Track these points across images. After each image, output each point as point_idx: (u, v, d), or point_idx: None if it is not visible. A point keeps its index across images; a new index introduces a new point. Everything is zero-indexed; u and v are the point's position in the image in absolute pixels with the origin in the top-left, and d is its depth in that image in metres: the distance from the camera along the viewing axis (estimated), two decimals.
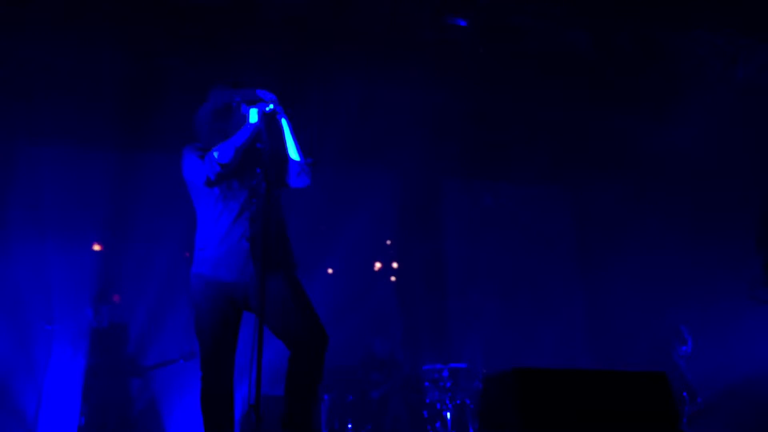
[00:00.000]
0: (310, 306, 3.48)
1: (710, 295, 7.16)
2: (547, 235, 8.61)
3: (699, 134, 7.52)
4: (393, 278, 8.19)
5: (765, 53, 7.18)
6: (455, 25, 6.56)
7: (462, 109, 7.51)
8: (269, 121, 3.50)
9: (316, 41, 6.47)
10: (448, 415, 6.11)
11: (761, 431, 5.89)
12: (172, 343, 6.54)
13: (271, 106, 3.49)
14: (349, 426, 6.25)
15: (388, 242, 8.18)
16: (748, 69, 7.22)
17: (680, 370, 6.65)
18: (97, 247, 7.15)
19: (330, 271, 7.67)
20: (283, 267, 3.51)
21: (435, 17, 6.49)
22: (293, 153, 3.58)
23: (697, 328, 6.95)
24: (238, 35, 6.27)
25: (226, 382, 3.42)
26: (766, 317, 5.25)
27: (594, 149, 8.06)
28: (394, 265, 8.22)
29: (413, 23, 6.49)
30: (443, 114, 7.50)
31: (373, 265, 8.01)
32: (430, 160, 7.89)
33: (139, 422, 6.24)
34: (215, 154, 3.44)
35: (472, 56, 6.79)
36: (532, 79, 7.01)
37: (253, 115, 3.48)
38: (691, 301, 7.28)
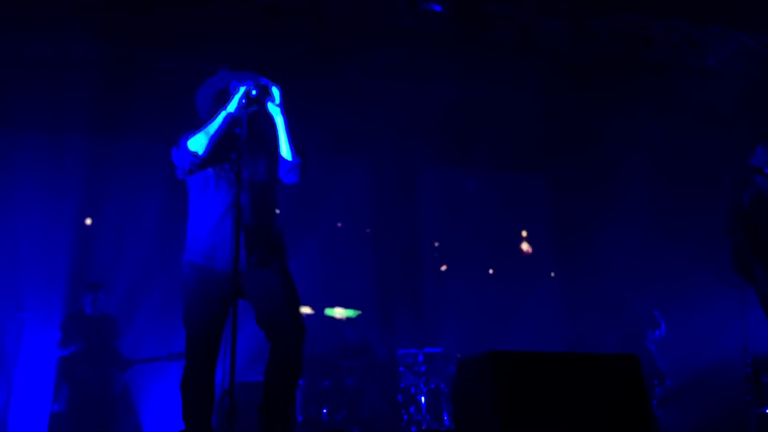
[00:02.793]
0: (297, 300, 3.49)
1: (681, 281, 7.27)
2: (525, 221, 8.66)
3: (672, 122, 7.61)
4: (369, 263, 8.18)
5: (735, 42, 7.28)
6: (431, 11, 6.55)
7: (438, 96, 7.51)
8: (254, 107, 3.46)
9: (288, 27, 6.42)
10: (423, 399, 6.15)
11: (728, 415, 6.00)
12: (157, 337, 6.47)
13: (254, 91, 3.46)
14: (324, 412, 6.26)
15: (368, 230, 8.16)
16: (718, 57, 7.31)
17: (651, 354, 6.75)
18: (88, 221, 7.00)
19: (306, 255, 7.64)
20: (275, 258, 3.50)
21: (411, 4, 6.47)
22: (285, 150, 3.51)
23: (668, 313, 7.05)
24: (211, 21, 6.20)
25: (208, 371, 3.41)
26: (734, 303, 5.34)
27: (570, 137, 8.12)
28: (370, 250, 8.21)
29: (388, 8, 6.47)
30: (419, 101, 7.49)
31: (349, 251, 7.99)
32: (407, 146, 7.88)
33: (118, 412, 6.19)
34: (188, 144, 3.40)
35: (448, 42, 6.79)
36: (509, 67, 7.03)
37: (233, 103, 3.42)
38: (663, 287, 7.39)
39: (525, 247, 8.68)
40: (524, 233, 8.62)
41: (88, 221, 7.10)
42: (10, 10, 5.95)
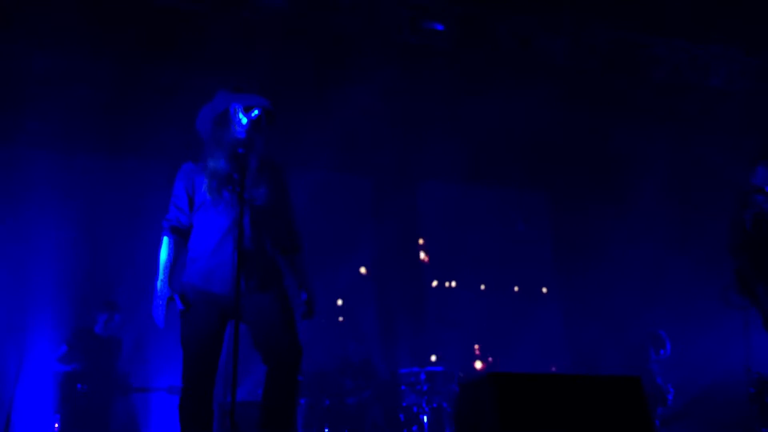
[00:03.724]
0: (294, 323, 3.48)
1: (683, 299, 7.25)
2: (525, 239, 8.65)
3: (674, 139, 7.63)
4: (368, 279, 8.16)
5: (737, 62, 7.32)
6: (433, 30, 6.59)
7: (439, 112, 7.54)
8: (256, 126, 3.49)
9: (291, 44, 6.47)
10: (425, 418, 6.11)
11: None
12: (161, 365, 6.44)
13: (257, 111, 3.48)
14: (326, 431, 6.23)
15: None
16: (720, 75, 7.34)
17: (652, 375, 6.72)
18: None
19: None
20: (273, 282, 3.50)
21: (413, 22, 6.52)
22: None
23: (671, 331, 7.03)
24: (219, 38, 6.24)
25: (206, 393, 3.40)
26: (738, 321, 5.32)
27: (572, 153, 8.13)
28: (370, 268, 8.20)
29: (390, 26, 6.51)
30: (420, 117, 7.52)
31: (349, 269, 7.99)
32: (408, 162, 7.90)
33: (118, 428, 6.16)
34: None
35: (449, 58, 6.83)
36: (510, 83, 7.06)
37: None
38: (664, 305, 7.37)
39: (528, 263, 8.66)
40: (527, 250, 8.60)
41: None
42: (17, 27, 6.01)
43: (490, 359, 6.95)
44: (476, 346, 7.01)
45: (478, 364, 7.72)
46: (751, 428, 5.40)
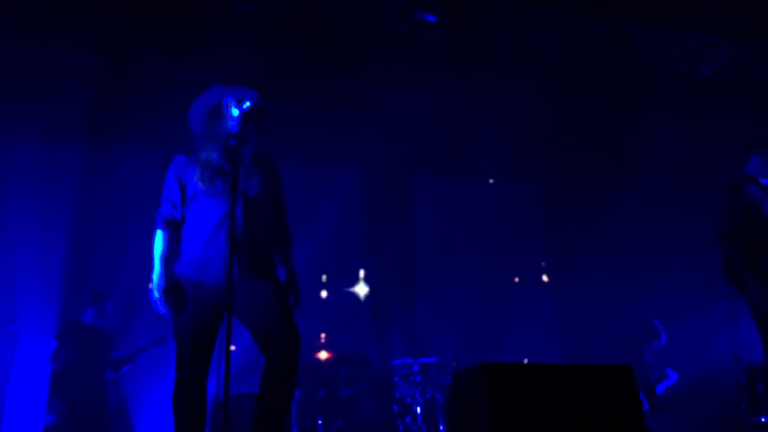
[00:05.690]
0: (290, 312, 3.49)
1: (674, 289, 7.28)
2: (517, 230, 8.67)
3: (666, 129, 7.65)
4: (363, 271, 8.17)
5: (727, 51, 7.34)
6: (424, 21, 6.58)
7: (431, 104, 7.54)
8: (248, 119, 3.49)
9: (282, 35, 6.45)
10: (418, 409, 6.13)
11: (723, 424, 6.00)
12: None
13: (248, 103, 3.48)
14: (319, 422, 6.25)
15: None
16: (711, 66, 7.37)
17: (644, 364, 6.75)
18: None
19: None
20: (267, 272, 3.50)
21: (404, 12, 6.51)
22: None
23: (663, 320, 7.07)
24: (210, 29, 6.22)
25: (200, 384, 3.39)
26: (726, 311, 5.35)
27: (564, 143, 8.15)
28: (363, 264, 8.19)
29: (382, 17, 6.50)
30: (413, 109, 7.52)
31: (342, 260, 7.98)
32: (401, 154, 7.90)
33: (112, 423, 6.16)
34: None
35: (441, 50, 6.82)
36: (502, 75, 7.07)
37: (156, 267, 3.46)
38: (657, 294, 7.40)
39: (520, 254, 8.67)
40: (519, 241, 8.61)
41: None
42: (7, 19, 5.97)
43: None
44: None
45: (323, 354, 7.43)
46: (741, 417, 5.43)
